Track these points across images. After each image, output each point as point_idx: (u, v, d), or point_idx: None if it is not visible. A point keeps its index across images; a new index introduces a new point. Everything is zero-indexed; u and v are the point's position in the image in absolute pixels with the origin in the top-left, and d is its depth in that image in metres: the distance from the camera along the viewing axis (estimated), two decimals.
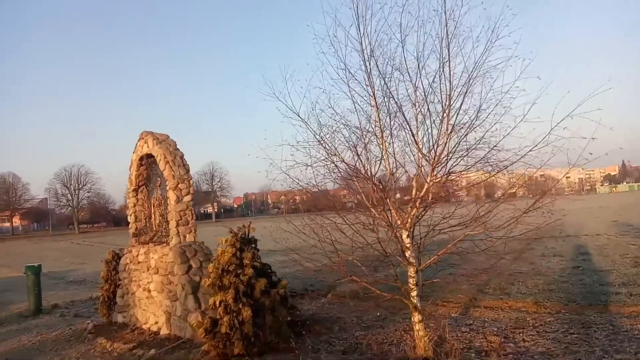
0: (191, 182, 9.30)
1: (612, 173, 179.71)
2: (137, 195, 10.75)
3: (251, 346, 6.29)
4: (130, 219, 10.81)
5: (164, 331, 8.88)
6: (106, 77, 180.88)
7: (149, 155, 10.15)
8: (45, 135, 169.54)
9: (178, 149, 9.63)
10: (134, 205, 10.74)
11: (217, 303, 6.41)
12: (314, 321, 8.92)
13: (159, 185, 9.98)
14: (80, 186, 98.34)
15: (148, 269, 9.58)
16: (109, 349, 8.36)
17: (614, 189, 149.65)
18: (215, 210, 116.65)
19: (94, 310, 13.98)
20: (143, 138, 10.10)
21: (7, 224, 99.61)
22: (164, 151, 9.40)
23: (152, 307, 9.43)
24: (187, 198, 9.22)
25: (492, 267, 6.74)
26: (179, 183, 9.13)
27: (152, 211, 10.16)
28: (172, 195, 9.11)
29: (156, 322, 9.24)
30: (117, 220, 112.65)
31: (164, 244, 9.34)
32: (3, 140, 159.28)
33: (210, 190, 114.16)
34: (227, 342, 6.27)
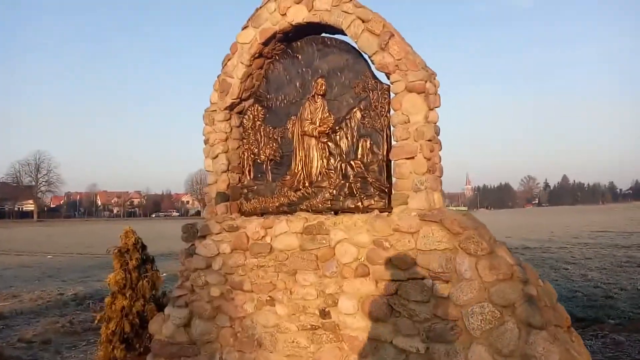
0: (436, 80, 4.39)
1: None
2: (230, 119, 5.25)
3: None
4: (215, 165, 5.22)
5: None
6: None
7: (295, 34, 4.92)
8: None
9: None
10: (226, 139, 5.21)
11: None
12: None
13: (322, 95, 4.76)
14: None
15: (317, 266, 4.31)
16: None
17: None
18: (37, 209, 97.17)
19: (26, 346, 7.43)
20: None
21: None
22: (370, 14, 4.36)
23: (326, 352, 4.20)
24: (433, 116, 4.30)
25: None
26: (427, 80, 4.18)
27: (300, 147, 4.81)
28: (416, 104, 4.11)
29: None
30: None
31: (373, 211, 4.26)
32: None
33: (33, 184, 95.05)
34: None
